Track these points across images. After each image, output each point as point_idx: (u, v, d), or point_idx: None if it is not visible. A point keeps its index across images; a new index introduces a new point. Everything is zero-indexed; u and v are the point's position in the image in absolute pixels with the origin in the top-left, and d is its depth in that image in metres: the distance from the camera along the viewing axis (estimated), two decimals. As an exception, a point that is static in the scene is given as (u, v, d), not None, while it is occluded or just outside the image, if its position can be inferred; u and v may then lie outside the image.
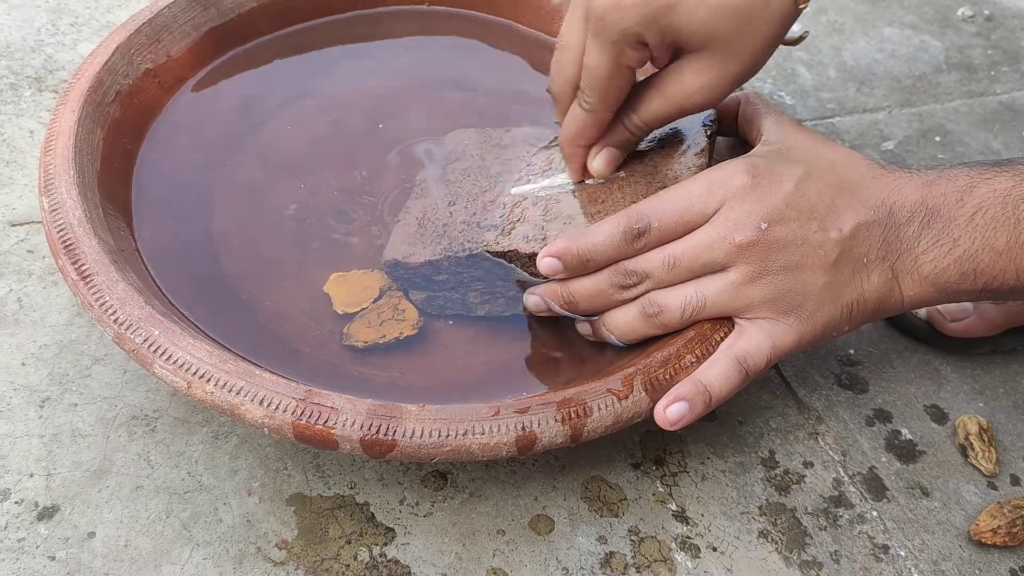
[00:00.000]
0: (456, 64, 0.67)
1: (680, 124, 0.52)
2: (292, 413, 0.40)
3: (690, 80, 0.46)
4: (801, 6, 0.45)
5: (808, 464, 0.53)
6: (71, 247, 0.44)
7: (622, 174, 0.51)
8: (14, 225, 0.57)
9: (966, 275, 0.43)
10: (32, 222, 0.58)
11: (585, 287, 0.47)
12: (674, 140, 0.52)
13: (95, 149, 0.50)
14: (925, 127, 0.78)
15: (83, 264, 0.44)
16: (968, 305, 0.57)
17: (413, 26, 0.68)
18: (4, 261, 0.55)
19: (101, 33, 0.73)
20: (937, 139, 0.76)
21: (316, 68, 0.64)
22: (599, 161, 0.50)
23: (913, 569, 0.49)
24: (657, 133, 0.52)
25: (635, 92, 0.48)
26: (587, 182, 0.51)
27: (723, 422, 0.54)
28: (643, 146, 0.52)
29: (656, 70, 0.48)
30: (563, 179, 0.52)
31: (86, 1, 0.75)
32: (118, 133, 0.53)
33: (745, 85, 0.53)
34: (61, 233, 0.45)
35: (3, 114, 0.64)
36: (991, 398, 0.57)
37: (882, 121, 0.78)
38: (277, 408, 0.40)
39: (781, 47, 0.47)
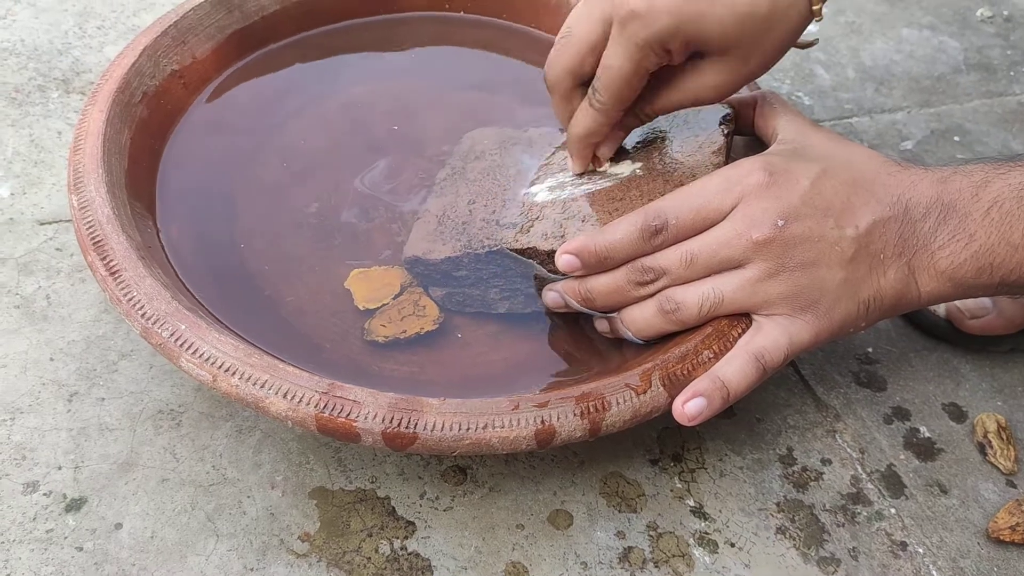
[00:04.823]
0: (474, 68, 0.68)
1: (697, 123, 0.53)
2: (315, 406, 0.41)
3: (709, 79, 0.47)
4: (815, 6, 0.45)
5: (826, 461, 0.53)
6: (100, 244, 0.45)
7: (640, 172, 0.52)
8: (43, 223, 0.58)
9: (983, 270, 0.44)
10: (60, 220, 0.59)
11: (603, 284, 0.48)
12: (691, 138, 0.52)
13: (123, 148, 0.51)
14: (944, 127, 0.77)
15: (112, 260, 0.45)
16: (987, 302, 0.57)
17: (432, 31, 0.69)
18: (33, 259, 0.56)
19: (127, 36, 0.74)
20: (956, 139, 0.76)
21: (337, 70, 0.65)
22: (605, 146, 0.52)
23: (931, 566, 0.49)
24: (675, 132, 0.53)
25: (648, 86, 0.48)
26: (597, 180, 0.52)
27: (741, 419, 0.54)
28: (660, 144, 0.53)
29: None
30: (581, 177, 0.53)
31: (112, 4, 0.76)
32: (145, 133, 0.54)
33: (764, 85, 0.54)
34: (90, 230, 0.45)
35: (31, 115, 0.66)
36: (1010, 396, 0.57)
37: (900, 121, 0.78)
38: (300, 401, 0.41)
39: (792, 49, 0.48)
